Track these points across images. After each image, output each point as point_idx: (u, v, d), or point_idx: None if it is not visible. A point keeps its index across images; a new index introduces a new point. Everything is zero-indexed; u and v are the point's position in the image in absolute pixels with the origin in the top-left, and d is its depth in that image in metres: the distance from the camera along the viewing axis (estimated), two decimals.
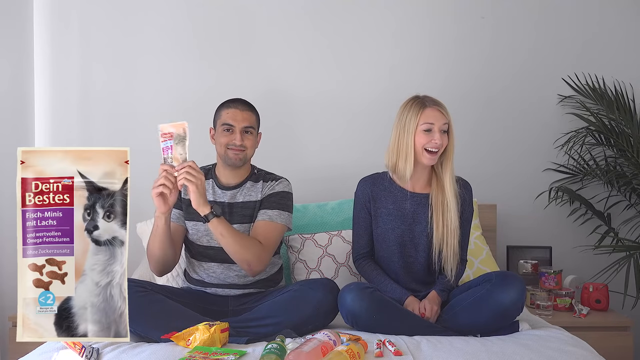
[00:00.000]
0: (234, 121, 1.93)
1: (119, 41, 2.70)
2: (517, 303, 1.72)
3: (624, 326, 2.26)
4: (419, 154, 1.86)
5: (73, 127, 2.70)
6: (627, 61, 2.71)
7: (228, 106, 1.97)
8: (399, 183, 1.96)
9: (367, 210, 1.98)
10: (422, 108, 1.85)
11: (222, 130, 1.94)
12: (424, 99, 1.88)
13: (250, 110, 1.98)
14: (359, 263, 2.01)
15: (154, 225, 1.80)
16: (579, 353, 1.52)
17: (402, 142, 1.87)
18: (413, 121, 1.84)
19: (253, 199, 1.98)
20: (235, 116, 1.94)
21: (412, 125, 1.84)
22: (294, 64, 2.71)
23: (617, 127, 2.56)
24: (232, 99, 2.01)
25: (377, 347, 1.52)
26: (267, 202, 1.96)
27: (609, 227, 2.59)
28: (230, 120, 1.93)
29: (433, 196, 1.92)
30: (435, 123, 1.83)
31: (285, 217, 1.96)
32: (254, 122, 1.98)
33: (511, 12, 2.72)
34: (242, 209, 1.97)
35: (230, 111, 1.95)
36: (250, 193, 1.99)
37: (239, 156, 1.93)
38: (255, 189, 1.99)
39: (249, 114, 1.96)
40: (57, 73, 2.69)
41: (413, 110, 1.85)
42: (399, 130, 1.88)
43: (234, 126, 1.93)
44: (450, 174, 1.90)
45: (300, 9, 2.70)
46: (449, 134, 1.88)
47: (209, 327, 1.54)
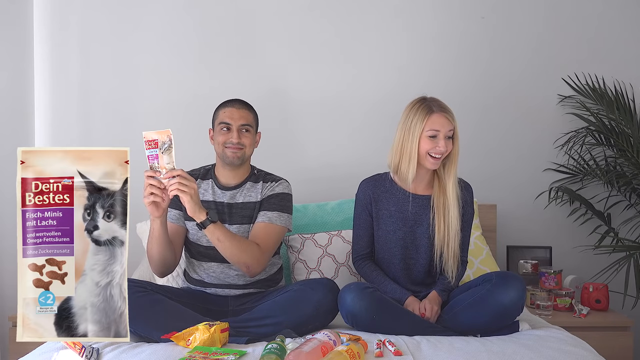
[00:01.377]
0: (230, 119, 1.94)
1: (119, 41, 2.70)
2: (517, 303, 1.72)
3: (624, 326, 2.26)
4: (423, 158, 1.85)
5: (73, 127, 2.70)
6: (627, 61, 2.71)
7: (225, 105, 1.99)
8: (400, 184, 1.96)
9: (368, 212, 1.98)
10: (429, 114, 1.83)
11: (219, 129, 1.95)
12: (431, 103, 1.85)
13: (247, 109, 1.98)
14: (358, 264, 2.02)
15: (150, 228, 1.79)
16: (579, 353, 1.52)
17: (406, 145, 1.85)
18: (419, 126, 1.82)
19: (253, 200, 1.98)
20: (232, 114, 1.94)
21: (418, 130, 1.83)
22: (295, 64, 2.71)
23: (617, 127, 2.56)
24: (229, 99, 2.02)
25: (377, 347, 1.52)
26: (266, 204, 1.96)
27: (609, 227, 2.59)
28: (227, 118, 1.94)
29: (435, 198, 1.91)
30: (440, 130, 1.82)
31: (284, 218, 1.96)
32: (251, 120, 1.98)
33: (511, 12, 2.72)
34: (241, 209, 1.97)
35: (227, 110, 1.96)
36: (250, 194, 1.99)
37: (237, 154, 1.93)
38: (254, 190, 1.99)
39: (245, 112, 1.97)
40: (57, 73, 2.69)
41: (419, 115, 1.83)
42: (404, 132, 1.86)
43: (230, 124, 1.93)
44: (454, 177, 1.89)
45: (303, 9, 2.70)
46: (453, 139, 1.87)
47: (209, 327, 1.54)
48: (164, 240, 1.80)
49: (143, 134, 1.61)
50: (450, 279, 1.90)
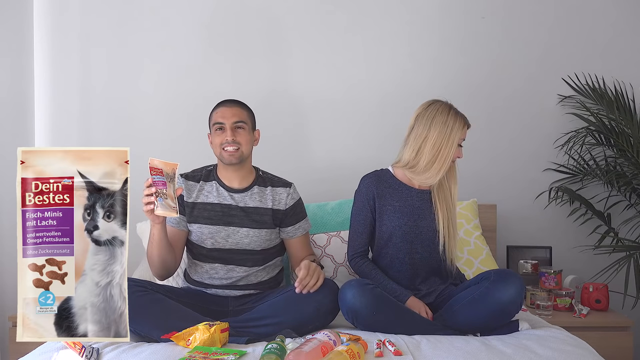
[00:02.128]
0: (223, 118, 1.94)
1: (119, 41, 2.70)
2: (516, 300, 1.72)
3: (624, 326, 2.26)
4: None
5: (73, 127, 2.70)
6: (627, 61, 2.71)
7: (217, 107, 1.99)
8: (402, 180, 1.98)
9: (369, 207, 1.98)
10: (465, 126, 1.93)
11: (214, 130, 1.95)
12: (463, 115, 1.94)
13: (239, 106, 1.98)
14: (355, 262, 2.00)
15: (150, 233, 1.79)
16: (579, 353, 1.52)
17: (443, 150, 1.89)
18: (458, 134, 1.91)
19: (264, 206, 1.98)
20: (224, 113, 1.95)
21: (456, 137, 1.90)
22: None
23: (617, 127, 2.55)
24: (222, 100, 2.02)
25: (377, 347, 1.52)
26: (293, 216, 2.02)
27: (609, 227, 2.59)
28: (219, 118, 1.94)
29: (435, 191, 1.97)
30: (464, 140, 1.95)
31: (308, 221, 2.10)
32: (245, 117, 1.97)
33: (512, 12, 2.72)
34: (255, 214, 1.96)
35: (219, 110, 1.97)
36: (260, 199, 1.99)
37: (234, 155, 1.92)
38: (264, 195, 1.99)
39: (238, 110, 1.96)
40: (57, 73, 2.70)
41: (458, 123, 1.91)
42: (443, 137, 1.89)
43: (224, 123, 1.93)
44: (455, 180, 1.99)
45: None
46: None
47: (209, 327, 1.54)
48: (165, 245, 1.79)
49: (149, 160, 1.54)
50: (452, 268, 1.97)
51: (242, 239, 1.93)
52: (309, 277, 1.75)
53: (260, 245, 1.96)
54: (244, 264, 1.95)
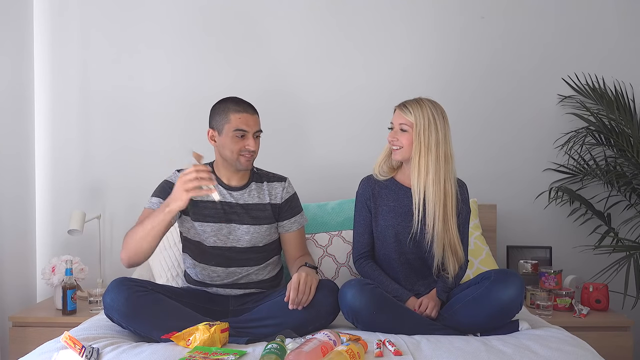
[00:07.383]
0: (247, 126, 1.89)
1: (119, 41, 2.70)
2: (516, 300, 1.72)
3: (624, 326, 2.26)
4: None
5: (73, 127, 2.70)
6: (627, 61, 2.71)
7: (237, 110, 1.90)
8: (400, 180, 1.99)
9: (367, 208, 1.99)
10: (394, 109, 2.00)
11: (234, 135, 1.89)
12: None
13: (257, 113, 1.96)
14: (359, 263, 2.01)
15: (155, 220, 1.70)
16: (579, 353, 1.52)
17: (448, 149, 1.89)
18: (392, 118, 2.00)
19: (262, 202, 1.99)
20: (248, 121, 1.90)
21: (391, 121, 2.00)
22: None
23: (617, 127, 2.55)
24: (234, 100, 1.94)
25: (377, 347, 1.52)
26: (289, 210, 2.03)
27: (609, 227, 2.59)
28: (243, 125, 1.89)
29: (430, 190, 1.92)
30: None
31: (304, 215, 2.10)
32: (260, 124, 1.97)
33: (511, 12, 2.72)
34: (255, 210, 1.97)
35: (242, 116, 1.90)
36: (259, 195, 1.99)
37: (250, 161, 1.94)
38: (261, 191, 2.00)
39: (257, 118, 1.95)
40: (57, 73, 2.70)
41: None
42: (448, 138, 1.90)
43: (247, 131, 1.89)
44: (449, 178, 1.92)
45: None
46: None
47: (209, 327, 1.54)
48: (163, 233, 1.74)
49: (193, 153, 1.67)
50: (450, 278, 1.89)
51: (243, 236, 1.94)
52: (300, 294, 1.74)
53: (261, 241, 1.96)
54: (245, 264, 1.95)
